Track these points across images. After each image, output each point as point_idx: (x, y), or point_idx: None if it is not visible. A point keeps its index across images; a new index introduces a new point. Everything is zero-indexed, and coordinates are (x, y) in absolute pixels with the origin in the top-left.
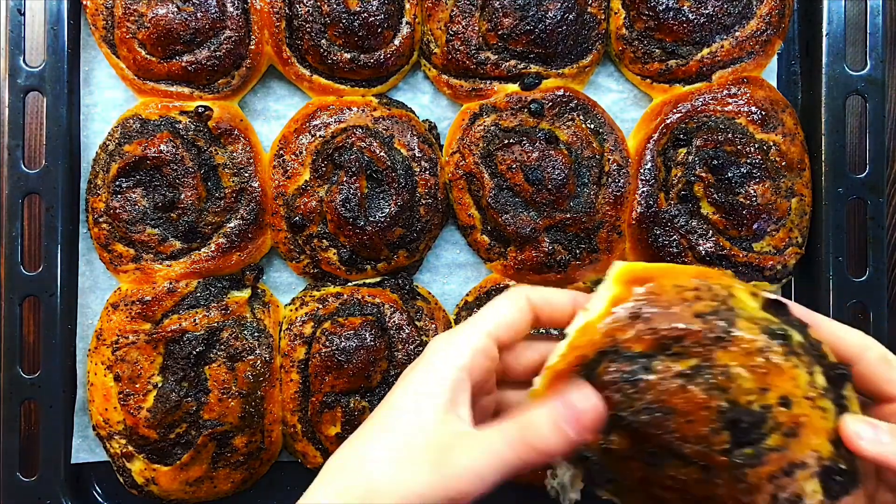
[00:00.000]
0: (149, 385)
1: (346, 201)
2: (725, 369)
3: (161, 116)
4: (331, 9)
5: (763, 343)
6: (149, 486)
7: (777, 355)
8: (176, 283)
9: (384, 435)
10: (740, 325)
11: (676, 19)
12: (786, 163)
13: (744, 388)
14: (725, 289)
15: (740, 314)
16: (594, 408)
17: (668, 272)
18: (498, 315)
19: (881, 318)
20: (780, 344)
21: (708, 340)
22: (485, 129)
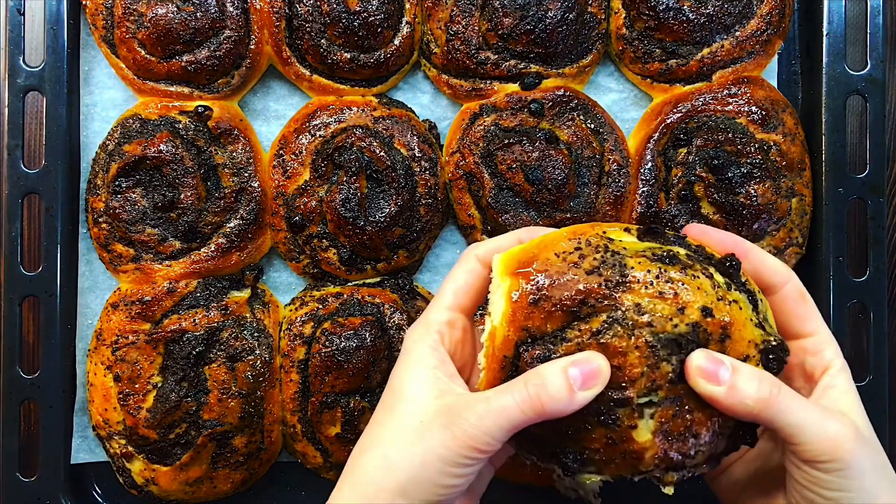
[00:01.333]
0: (148, 385)
1: (346, 201)
2: (637, 307)
3: (161, 116)
4: (331, 8)
5: (657, 269)
6: (148, 487)
7: (676, 272)
8: (176, 283)
9: (394, 423)
10: (630, 263)
11: (677, 19)
12: (786, 163)
13: (665, 317)
14: (601, 237)
15: (625, 253)
16: (601, 366)
17: (544, 245)
18: (454, 285)
19: (881, 319)
20: (672, 264)
21: (608, 291)
22: (485, 128)
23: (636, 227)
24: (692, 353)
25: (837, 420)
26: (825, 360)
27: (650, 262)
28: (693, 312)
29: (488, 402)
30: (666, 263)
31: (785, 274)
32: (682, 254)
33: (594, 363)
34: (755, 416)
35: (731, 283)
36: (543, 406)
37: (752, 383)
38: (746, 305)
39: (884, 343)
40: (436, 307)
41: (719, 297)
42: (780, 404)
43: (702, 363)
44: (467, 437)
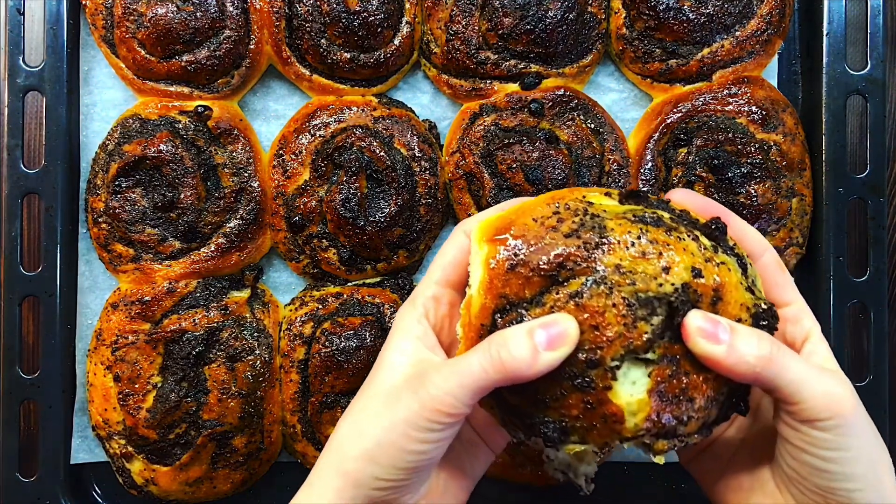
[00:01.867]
0: (148, 385)
1: (345, 201)
2: (617, 268)
3: (160, 116)
4: (331, 8)
5: (638, 231)
6: (148, 487)
7: (661, 233)
8: (175, 283)
9: (367, 392)
10: (610, 225)
11: (677, 19)
12: (786, 163)
13: (649, 276)
14: (581, 201)
15: (605, 216)
16: (567, 327)
17: (522, 210)
18: (442, 260)
19: (882, 318)
20: (656, 225)
21: (587, 253)
22: (485, 128)
23: (617, 191)
24: (688, 313)
25: (836, 379)
26: (805, 329)
27: (631, 223)
28: (681, 272)
29: (453, 365)
30: (648, 224)
31: (763, 244)
32: (665, 217)
33: (561, 324)
34: (756, 375)
35: (718, 245)
36: (505, 367)
37: (752, 342)
38: (735, 268)
39: (884, 343)
40: (424, 283)
41: (707, 259)
42: (780, 362)
43: (700, 323)
44: (431, 399)
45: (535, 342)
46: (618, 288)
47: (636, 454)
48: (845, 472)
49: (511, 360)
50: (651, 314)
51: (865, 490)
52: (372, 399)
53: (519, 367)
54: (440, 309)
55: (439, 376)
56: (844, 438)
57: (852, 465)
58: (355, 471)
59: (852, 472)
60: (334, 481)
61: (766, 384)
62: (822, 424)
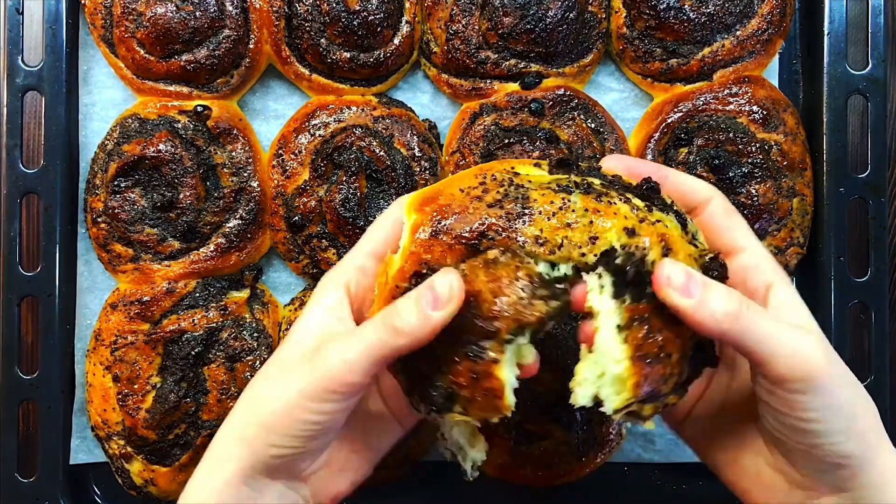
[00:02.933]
0: (147, 386)
1: (345, 201)
2: (536, 239)
3: (160, 116)
4: (330, 8)
5: (561, 201)
6: (147, 487)
7: (588, 200)
8: (175, 284)
9: (272, 360)
10: (534, 195)
11: (677, 18)
12: (787, 162)
13: (573, 244)
14: (508, 172)
15: (530, 186)
16: (449, 283)
17: (451, 181)
18: (375, 232)
19: (883, 319)
20: (584, 192)
21: (508, 223)
22: (485, 128)
23: (547, 161)
24: (663, 261)
25: (806, 337)
26: (766, 279)
27: (555, 193)
28: (613, 236)
29: (349, 336)
30: (574, 193)
31: (708, 191)
32: (596, 183)
33: (443, 282)
34: (722, 333)
35: (653, 204)
36: (398, 331)
37: (722, 298)
38: (674, 224)
39: (885, 343)
40: (353, 252)
41: (641, 220)
42: (748, 320)
43: (674, 274)
44: (327, 370)
45: (422, 304)
46: (531, 259)
47: (636, 454)
48: (823, 429)
49: (403, 323)
50: (554, 296)
51: (848, 442)
52: (272, 367)
53: (411, 328)
54: (364, 280)
55: (336, 348)
56: (817, 398)
57: (829, 422)
58: (253, 437)
59: (830, 428)
60: (234, 448)
61: (733, 343)
62: (794, 386)
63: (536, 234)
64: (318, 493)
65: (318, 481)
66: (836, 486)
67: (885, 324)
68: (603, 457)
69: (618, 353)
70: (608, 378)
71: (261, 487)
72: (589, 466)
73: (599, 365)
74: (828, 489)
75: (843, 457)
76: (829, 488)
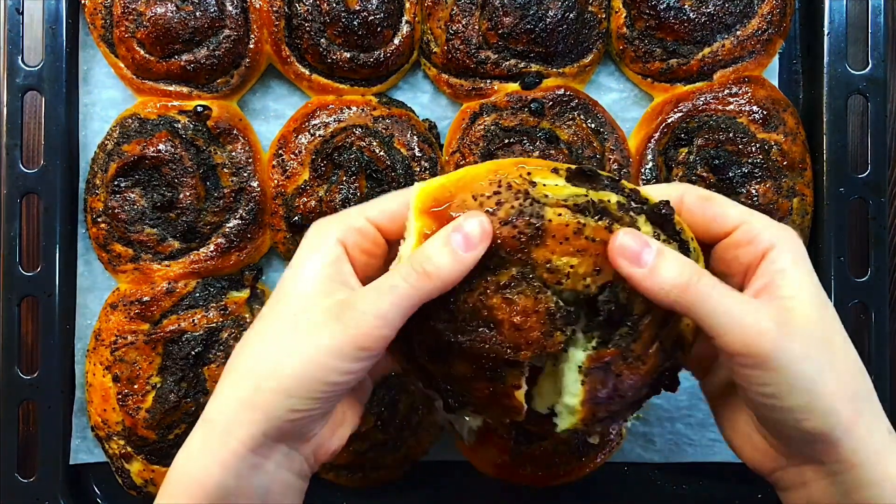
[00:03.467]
0: (147, 386)
1: (345, 201)
2: (546, 264)
3: (160, 116)
4: (330, 8)
5: (576, 224)
6: (148, 487)
7: (599, 228)
8: (175, 284)
9: (276, 312)
10: (549, 214)
11: (677, 18)
12: (787, 162)
13: (579, 275)
14: (524, 180)
15: (546, 202)
16: (480, 224)
17: (464, 183)
18: (385, 204)
19: (883, 319)
20: (598, 217)
21: (520, 245)
22: (485, 128)
23: (566, 168)
24: (619, 230)
25: (760, 310)
26: (762, 243)
27: (572, 213)
28: (610, 271)
29: (378, 287)
30: (588, 216)
31: (675, 190)
32: (612, 203)
33: (471, 223)
34: (672, 303)
35: (662, 231)
36: (430, 276)
37: (674, 268)
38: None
39: (885, 343)
40: (356, 211)
41: None
42: (699, 292)
43: (626, 241)
44: (360, 325)
45: (453, 247)
46: (544, 288)
47: (636, 454)
48: (781, 405)
49: (435, 268)
50: (568, 322)
51: (811, 419)
52: (287, 329)
53: (444, 271)
54: (363, 243)
55: (365, 300)
56: (769, 374)
57: (786, 398)
58: (268, 403)
59: (789, 405)
60: (242, 415)
61: (686, 313)
62: (743, 360)
63: (548, 259)
64: (317, 451)
65: (318, 439)
66: (814, 459)
67: (885, 324)
68: (603, 457)
69: (574, 390)
70: (563, 402)
71: (266, 453)
72: (589, 466)
73: (558, 386)
74: (806, 460)
75: (808, 433)
76: (806, 459)
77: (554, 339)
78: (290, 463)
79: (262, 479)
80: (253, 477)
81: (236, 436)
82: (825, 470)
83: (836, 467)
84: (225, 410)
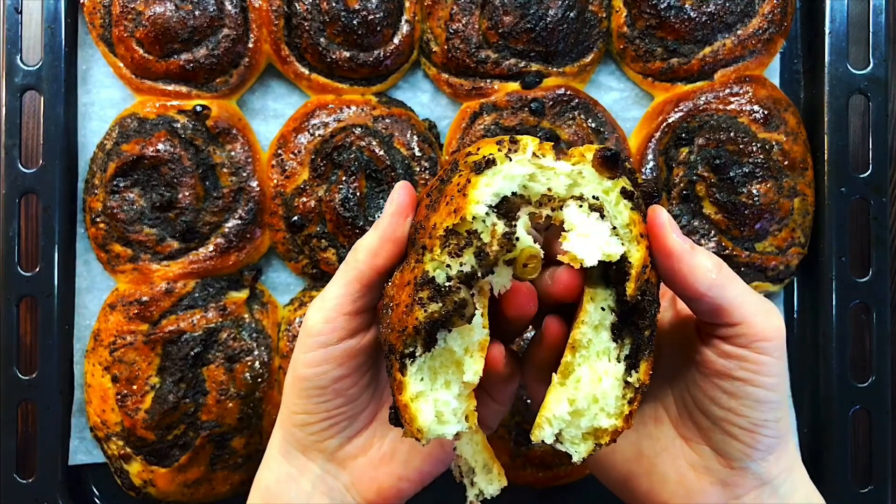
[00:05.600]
0: (146, 386)
1: (345, 201)
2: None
3: (159, 115)
4: (330, 7)
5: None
6: (147, 488)
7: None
8: (174, 284)
9: None
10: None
11: (678, 17)
12: (788, 162)
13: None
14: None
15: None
16: (394, 191)
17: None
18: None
19: (884, 319)
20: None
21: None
22: (485, 128)
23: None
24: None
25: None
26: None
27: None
28: None
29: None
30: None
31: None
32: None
33: (391, 205)
34: (709, 287)
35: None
36: (356, 249)
37: (706, 255)
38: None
39: (886, 343)
40: (337, 284)
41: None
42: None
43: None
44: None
45: (378, 220)
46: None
47: None
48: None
49: (359, 244)
50: (439, 296)
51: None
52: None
53: (366, 245)
54: (352, 306)
55: (311, 306)
56: (780, 362)
57: (778, 389)
58: (281, 408)
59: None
60: (278, 421)
61: (713, 302)
62: (765, 345)
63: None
64: (359, 482)
65: (357, 470)
66: (760, 477)
67: (886, 324)
68: None
69: (613, 407)
70: (585, 424)
71: (300, 465)
72: (589, 467)
73: (576, 403)
74: (753, 481)
75: (778, 433)
76: (754, 480)
77: (413, 314)
78: (326, 487)
79: (299, 495)
80: (289, 487)
81: (274, 438)
82: (769, 490)
83: (780, 481)
84: (273, 433)
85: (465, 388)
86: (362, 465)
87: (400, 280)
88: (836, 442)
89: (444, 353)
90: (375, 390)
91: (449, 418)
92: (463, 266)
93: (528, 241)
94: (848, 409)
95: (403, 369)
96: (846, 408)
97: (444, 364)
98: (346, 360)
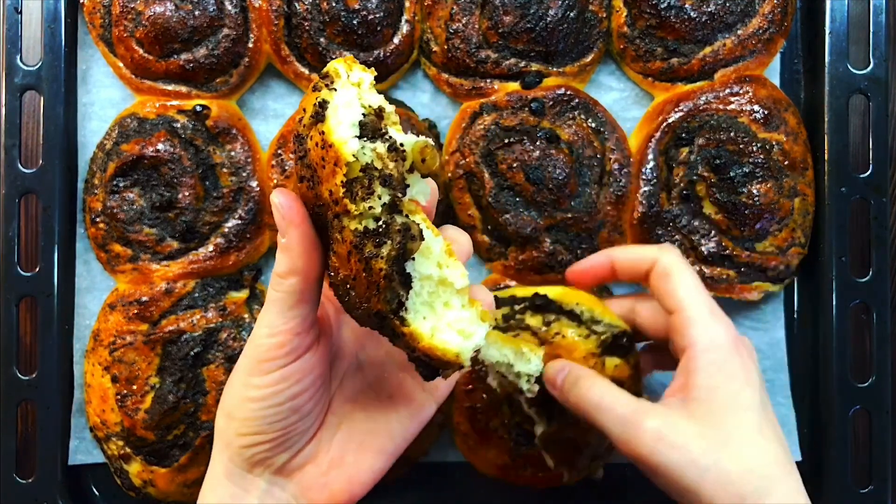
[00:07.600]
0: (146, 386)
1: None
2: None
3: (159, 115)
4: (330, 7)
5: None
6: (147, 488)
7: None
8: (173, 284)
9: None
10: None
11: (678, 17)
12: (788, 162)
13: None
14: None
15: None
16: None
17: None
18: (285, 269)
19: (884, 319)
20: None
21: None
22: (485, 128)
23: None
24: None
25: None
26: (684, 339)
27: None
28: None
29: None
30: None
31: (649, 258)
32: None
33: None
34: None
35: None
36: (281, 275)
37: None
38: (570, 326)
39: (886, 343)
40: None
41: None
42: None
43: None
44: (255, 338)
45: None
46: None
47: None
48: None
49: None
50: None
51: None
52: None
53: (284, 254)
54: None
55: (256, 335)
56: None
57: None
58: (223, 430)
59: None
60: (217, 444)
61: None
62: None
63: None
64: (308, 490)
65: (306, 478)
66: None
67: (886, 324)
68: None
69: None
70: None
71: (245, 484)
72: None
73: None
74: None
75: None
76: None
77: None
78: (273, 500)
79: None
80: None
81: (215, 462)
82: None
83: None
84: (214, 440)
85: (463, 296)
86: (311, 473)
87: (340, 262)
88: (836, 442)
89: (424, 282)
90: (322, 398)
91: (471, 329)
92: (382, 199)
93: (410, 138)
94: (848, 410)
95: (404, 321)
96: (846, 408)
97: (432, 292)
98: (303, 376)
